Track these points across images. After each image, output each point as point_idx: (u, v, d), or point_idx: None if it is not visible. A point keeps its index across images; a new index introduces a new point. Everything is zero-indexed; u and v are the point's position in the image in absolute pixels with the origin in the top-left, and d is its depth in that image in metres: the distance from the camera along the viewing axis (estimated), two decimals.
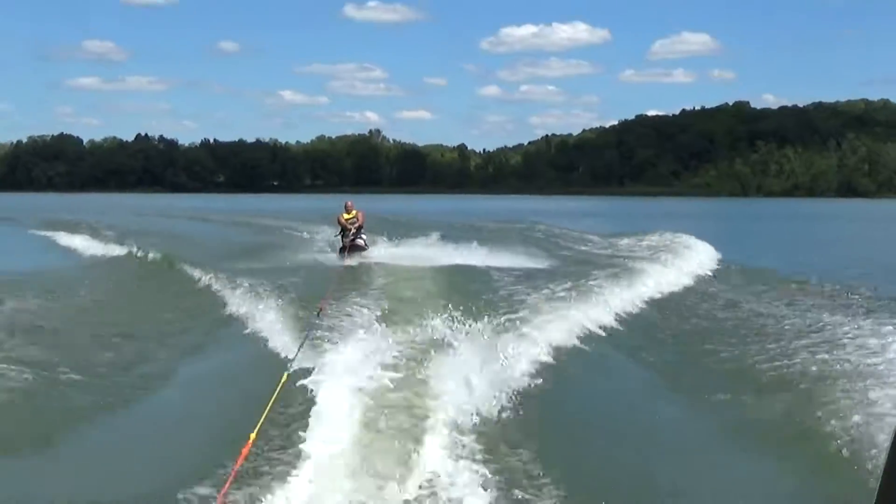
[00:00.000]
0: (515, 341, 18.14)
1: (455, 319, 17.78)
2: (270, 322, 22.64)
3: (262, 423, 11.43)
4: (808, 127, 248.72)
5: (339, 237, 38.84)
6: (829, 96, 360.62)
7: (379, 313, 22.37)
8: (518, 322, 20.32)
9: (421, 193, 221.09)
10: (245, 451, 10.65)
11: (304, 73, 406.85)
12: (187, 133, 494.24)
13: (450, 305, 19.65)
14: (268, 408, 11.57)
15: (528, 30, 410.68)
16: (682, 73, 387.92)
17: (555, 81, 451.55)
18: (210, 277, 30.68)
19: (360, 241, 38.23)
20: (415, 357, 15.59)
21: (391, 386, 13.93)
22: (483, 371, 15.09)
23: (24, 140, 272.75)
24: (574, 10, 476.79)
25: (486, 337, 17.39)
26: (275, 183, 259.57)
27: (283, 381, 12.36)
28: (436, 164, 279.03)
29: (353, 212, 38.66)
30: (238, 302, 26.18)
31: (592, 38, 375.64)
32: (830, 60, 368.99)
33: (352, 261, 36.27)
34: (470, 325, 17.68)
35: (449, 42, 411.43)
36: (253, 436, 10.94)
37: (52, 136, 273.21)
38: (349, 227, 38.25)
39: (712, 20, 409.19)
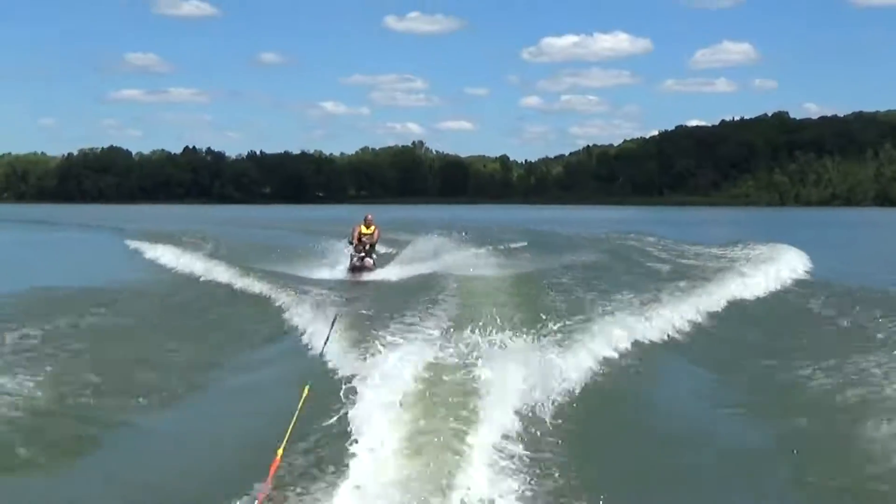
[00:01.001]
0: (568, 350, 17.21)
1: (498, 326, 16.04)
2: (287, 333, 22.76)
3: (289, 437, 10.85)
4: (847, 137, 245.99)
5: (351, 250, 37.58)
6: (872, 105, 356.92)
7: (407, 322, 21.70)
8: (575, 330, 19.29)
9: (464, 203, 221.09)
10: (274, 467, 10.25)
11: (345, 85, 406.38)
12: (230, 144, 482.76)
13: (497, 311, 18.33)
14: (292, 422, 11.01)
15: (569, 40, 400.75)
16: (724, 83, 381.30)
17: (596, 91, 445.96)
18: (231, 287, 31.09)
19: (368, 261, 37.13)
20: (453, 365, 14.31)
21: (425, 396, 12.97)
22: (531, 381, 14.18)
23: (75, 153, 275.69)
24: (615, 19, 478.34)
25: (535, 344, 16.10)
26: (320, 194, 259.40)
27: (304, 394, 11.74)
28: (478, 174, 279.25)
29: (372, 228, 37.75)
30: (256, 313, 26.37)
31: (634, 47, 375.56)
32: (874, 69, 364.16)
33: (361, 277, 35.57)
34: (517, 333, 16.28)
35: (490, 52, 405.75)
36: (280, 451, 10.43)
37: (102, 148, 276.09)
38: (364, 241, 37.32)
39: (754, 29, 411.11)
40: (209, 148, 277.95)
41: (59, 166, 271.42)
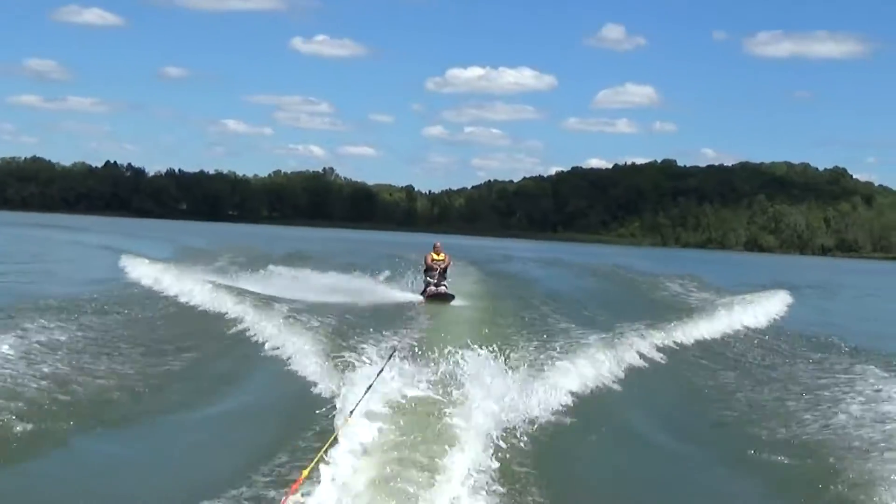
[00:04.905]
0: (547, 374, 17.51)
1: (486, 351, 16.00)
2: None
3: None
4: (729, 185, 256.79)
5: (426, 277, 36.29)
6: (758, 155, 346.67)
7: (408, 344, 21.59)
8: (552, 355, 19.75)
9: (372, 229, 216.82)
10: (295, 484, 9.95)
11: (248, 103, 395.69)
12: (127, 155, 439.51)
13: (483, 337, 19.42)
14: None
15: (474, 72, 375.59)
16: (626, 124, 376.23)
17: (499, 125, 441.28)
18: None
19: (443, 288, 35.71)
20: (439, 385, 14.46)
21: (417, 412, 13.25)
22: (510, 403, 14.40)
23: None
24: (521, 55, 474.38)
25: (517, 369, 16.27)
26: (233, 213, 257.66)
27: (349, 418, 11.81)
28: (385, 202, 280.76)
29: (443, 255, 36.35)
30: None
31: (538, 84, 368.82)
32: (765, 120, 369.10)
33: (435, 305, 34.04)
34: (501, 357, 16.15)
35: (396, 80, 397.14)
36: (305, 473, 10.13)
37: (25, 158, 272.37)
38: (437, 267, 35.93)
39: (657, 73, 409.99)
40: (129, 164, 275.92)
41: None
